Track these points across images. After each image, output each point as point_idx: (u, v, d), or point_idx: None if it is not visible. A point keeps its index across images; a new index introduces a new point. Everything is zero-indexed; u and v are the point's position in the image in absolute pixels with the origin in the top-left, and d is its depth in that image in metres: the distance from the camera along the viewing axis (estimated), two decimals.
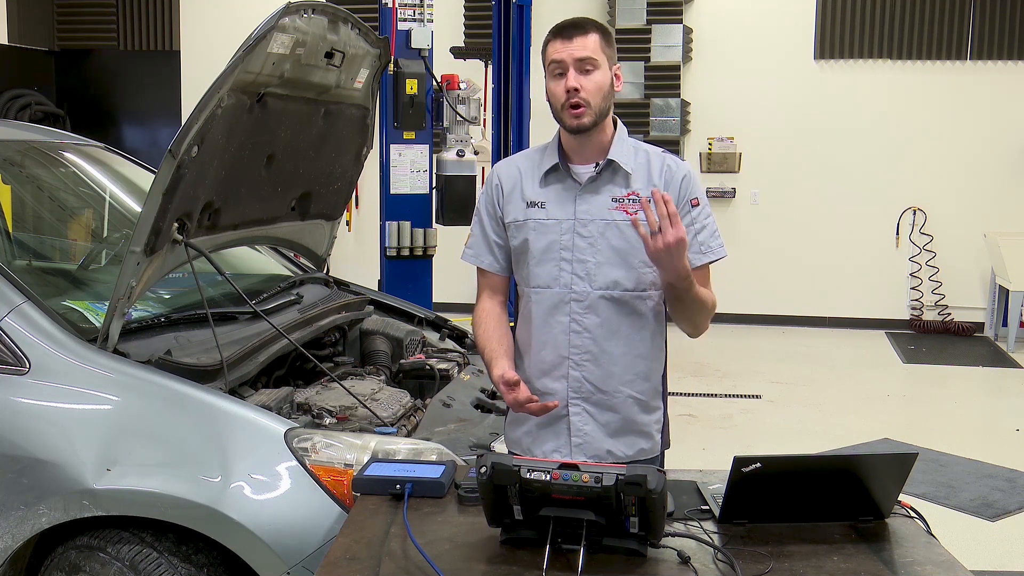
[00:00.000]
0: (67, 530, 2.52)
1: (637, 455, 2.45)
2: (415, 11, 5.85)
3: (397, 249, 5.93)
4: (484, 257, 2.50)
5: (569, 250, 2.37)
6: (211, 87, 2.58)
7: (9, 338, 2.59)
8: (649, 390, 2.46)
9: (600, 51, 2.30)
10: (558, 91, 2.31)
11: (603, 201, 2.37)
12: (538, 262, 2.40)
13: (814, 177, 8.93)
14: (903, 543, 2.02)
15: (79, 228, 4.07)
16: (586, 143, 2.37)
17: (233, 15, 9.10)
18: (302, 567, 2.34)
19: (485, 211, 2.49)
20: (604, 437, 2.43)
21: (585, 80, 2.29)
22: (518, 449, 2.52)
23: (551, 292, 2.40)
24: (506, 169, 2.49)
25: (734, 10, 8.92)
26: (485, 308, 2.51)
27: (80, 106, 9.56)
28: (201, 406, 2.52)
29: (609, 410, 2.42)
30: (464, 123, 6.03)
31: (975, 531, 4.41)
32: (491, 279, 2.52)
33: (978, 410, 6.70)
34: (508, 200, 2.44)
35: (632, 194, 2.35)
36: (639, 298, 2.39)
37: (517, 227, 2.42)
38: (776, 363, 7.71)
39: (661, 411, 2.51)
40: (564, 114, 2.31)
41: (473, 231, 2.53)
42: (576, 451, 2.43)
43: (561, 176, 2.40)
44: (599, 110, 2.31)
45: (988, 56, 8.64)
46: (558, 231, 2.38)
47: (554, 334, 2.40)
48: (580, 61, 2.28)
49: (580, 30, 2.30)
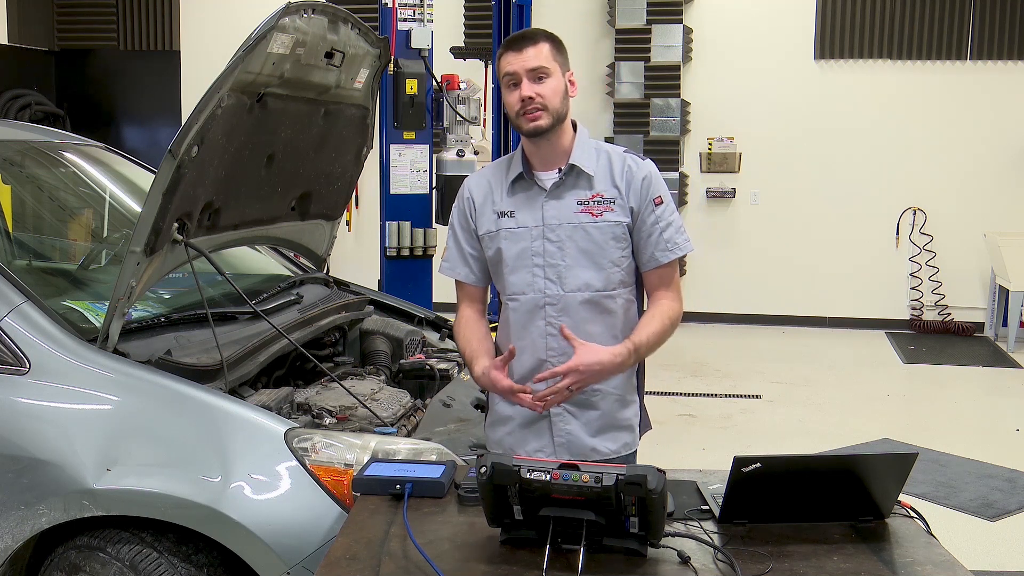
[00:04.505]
0: (67, 530, 2.52)
1: (621, 449, 2.52)
2: (415, 11, 5.85)
3: (397, 249, 5.93)
4: (460, 269, 2.58)
5: (540, 255, 2.45)
6: (211, 87, 2.58)
7: (9, 338, 2.59)
8: (624, 384, 2.52)
9: (552, 59, 2.39)
10: (512, 100, 2.40)
11: (568, 205, 2.44)
12: (512, 270, 2.48)
13: (814, 177, 8.93)
14: (903, 543, 2.02)
15: (79, 228, 4.07)
16: (547, 149, 2.45)
17: (233, 15, 9.10)
18: (302, 567, 2.34)
19: (459, 224, 2.57)
20: (587, 435, 2.48)
21: (540, 87, 2.37)
22: (500, 450, 2.55)
23: (526, 298, 2.47)
24: (476, 182, 2.57)
25: (734, 10, 8.91)
26: (464, 315, 2.59)
27: (80, 106, 9.56)
28: (201, 406, 2.52)
29: (589, 407, 2.48)
30: (464, 123, 6.03)
31: (975, 531, 4.41)
32: (468, 290, 2.60)
33: (978, 410, 6.69)
34: (480, 213, 2.52)
35: (596, 196, 2.43)
36: (609, 297, 2.46)
37: (490, 238, 2.50)
38: (776, 363, 7.71)
39: (637, 403, 2.58)
40: (521, 120, 2.40)
41: (448, 244, 2.61)
42: (560, 450, 2.48)
43: (527, 184, 2.48)
44: (556, 113, 2.39)
45: (988, 56, 8.63)
46: (528, 238, 2.45)
47: (532, 338, 2.47)
48: (532, 71, 2.37)
49: (530, 41, 2.39)
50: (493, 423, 2.60)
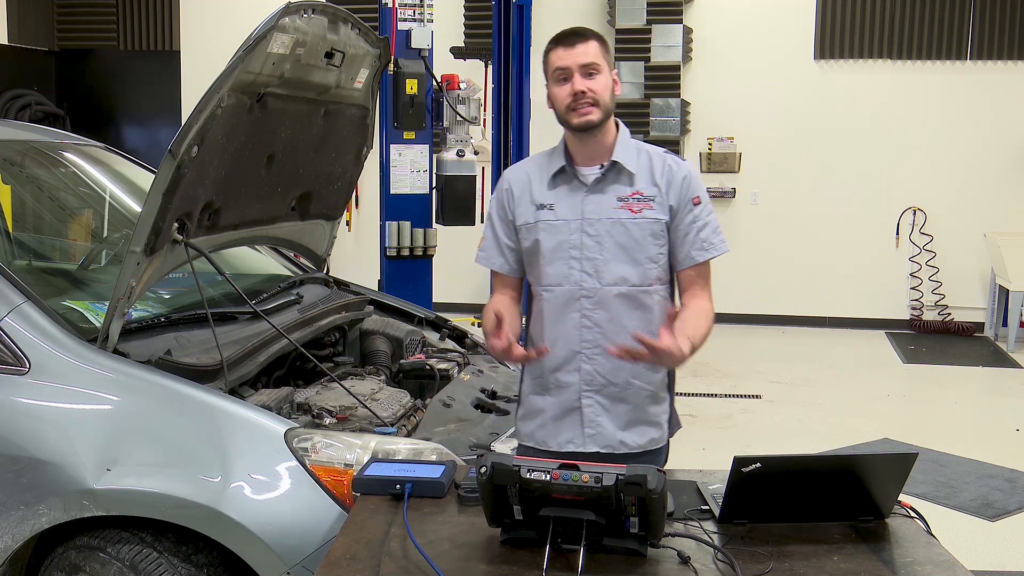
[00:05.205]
0: (67, 530, 2.52)
1: (648, 444, 2.54)
2: (415, 11, 5.85)
3: (397, 249, 5.93)
4: (496, 259, 2.60)
5: (578, 248, 2.47)
6: (211, 87, 2.58)
7: (9, 338, 2.59)
8: (657, 381, 2.55)
9: (601, 56, 2.43)
10: (562, 95, 2.42)
11: (609, 201, 2.47)
12: (549, 261, 2.49)
13: (814, 177, 8.93)
14: (903, 543, 2.02)
15: (79, 228, 4.07)
16: (592, 144, 2.48)
17: (233, 15, 9.10)
18: (302, 567, 2.35)
19: (496, 215, 2.59)
20: (616, 428, 2.51)
21: (591, 82, 2.40)
22: (531, 442, 2.59)
23: (562, 289, 2.49)
24: (515, 174, 2.59)
25: (734, 10, 8.91)
26: (494, 299, 2.61)
27: (80, 106, 9.56)
28: (201, 406, 2.52)
29: (621, 401, 2.51)
30: (464, 123, 6.03)
31: (975, 531, 4.41)
32: (503, 280, 2.63)
33: (978, 410, 6.69)
34: (518, 204, 2.54)
35: (636, 193, 2.46)
36: (646, 292, 2.48)
37: (528, 229, 2.52)
38: (776, 363, 7.71)
39: (668, 401, 2.60)
40: (570, 115, 2.42)
41: (485, 235, 2.63)
42: (590, 441, 2.51)
43: (568, 178, 2.50)
44: (605, 109, 2.42)
45: (988, 56, 8.63)
46: (567, 231, 2.48)
47: (566, 329, 2.49)
48: (584, 67, 2.40)
49: (581, 38, 2.43)
50: (525, 416, 2.63)
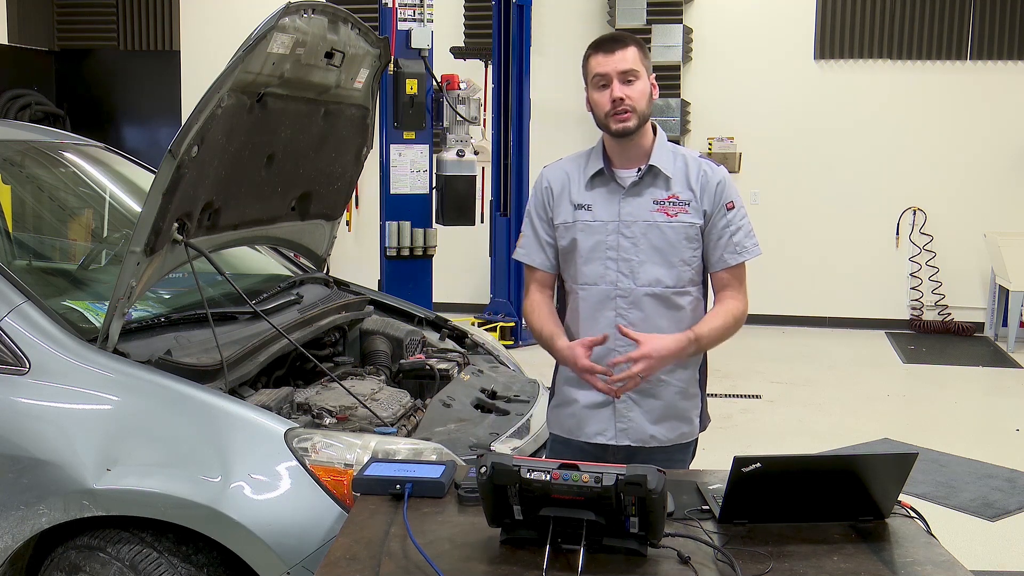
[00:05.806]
0: (67, 530, 2.52)
1: (679, 439, 2.63)
2: (415, 11, 5.85)
3: (397, 249, 5.93)
4: (536, 256, 2.67)
5: (614, 249, 2.54)
6: (211, 87, 2.58)
7: (9, 338, 2.59)
8: (688, 378, 2.63)
9: (639, 62, 2.48)
10: (602, 101, 2.48)
11: (645, 203, 2.53)
12: (585, 260, 2.56)
13: (814, 177, 8.93)
14: (903, 543, 2.02)
15: (79, 228, 4.07)
16: (629, 148, 2.54)
17: (233, 15, 9.10)
18: (302, 567, 2.34)
19: (536, 213, 2.66)
20: (648, 423, 2.58)
21: (629, 89, 2.45)
22: (561, 431, 2.67)
23: (597, 289, 2.56)
24: (554, 173, 2.65)
25: (734, 10, 8.91)
26: (536, 300, 2.68)
27: (80, 106, 9.56)
28: (201, 406, 2.52)
29: (652, 397, 2.59)
30: (464, 123, 6.04)
31: (975, 531, 4.41)
32: (539, 276, 2.70)
33: (978, 410, 6.70)
34: (558, 203, 2.61)
35: (672, 197, 2.52)
36: (679, 294, 2.57)
37: (566, 228, 2.58)
38: (776, 363, 7.71)
39: (699, 396, 2.68)
40: (609, 120, 2.48)
41: (525, 231, 2.70)
42: (621, 435, 2.60)
43: (606, 180, 2.56)
44: (642, 115, 2.48)
45: (988, 56, 8.64)
46: (604, 232, 2.54)
47: (600, 327, 2.55)
48: (623, 73, 2.46)
49: (620, 44, 2.49)
50: (557, 405, 2.70)
